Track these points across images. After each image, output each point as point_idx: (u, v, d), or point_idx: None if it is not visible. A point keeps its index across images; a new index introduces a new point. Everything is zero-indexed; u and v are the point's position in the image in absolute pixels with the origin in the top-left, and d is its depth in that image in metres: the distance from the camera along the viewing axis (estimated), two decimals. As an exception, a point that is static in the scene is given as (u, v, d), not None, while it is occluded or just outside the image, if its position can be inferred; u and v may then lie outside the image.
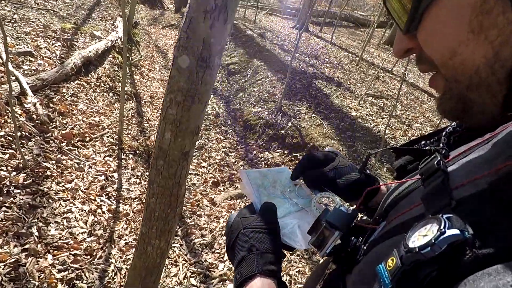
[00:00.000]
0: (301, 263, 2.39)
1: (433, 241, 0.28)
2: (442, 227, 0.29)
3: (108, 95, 3.62)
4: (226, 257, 2.28)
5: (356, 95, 4.95)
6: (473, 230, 0.28)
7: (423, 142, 0.52)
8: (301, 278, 2.27)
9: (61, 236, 1.82)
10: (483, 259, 0.26)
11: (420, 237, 0.30)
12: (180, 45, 0.94)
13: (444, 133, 0.51)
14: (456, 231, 0.28)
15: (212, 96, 5.15)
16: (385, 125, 3.56)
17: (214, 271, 2.14)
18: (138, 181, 2.69)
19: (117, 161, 2.75)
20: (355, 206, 0.53)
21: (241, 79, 5.47)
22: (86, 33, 4.33)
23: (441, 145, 0.49)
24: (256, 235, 0.53)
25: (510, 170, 0.30)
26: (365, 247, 0.45)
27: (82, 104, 3.09)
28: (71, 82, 3.25)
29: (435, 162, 0.41)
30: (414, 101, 5.61)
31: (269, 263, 0.50)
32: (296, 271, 2.33)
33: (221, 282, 2.06)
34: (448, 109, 0.36)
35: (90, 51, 3.76)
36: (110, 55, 4.37)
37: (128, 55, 4.82)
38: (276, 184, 0.66)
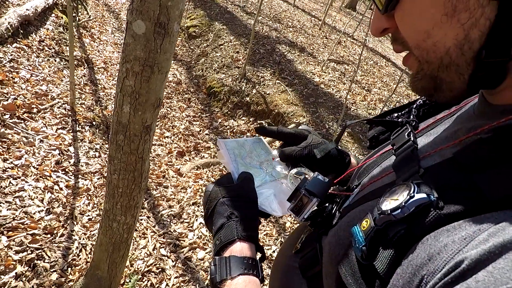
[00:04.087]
0: (268, 227, 2.50)
1: (403, 204, 0.32)
2: (411, 191, 0.32)
3: (55, 60, 3.27)
4: (195, 226, 2.31)
5: (319, 61, 4.97)
6: (438, 194, 0.31)
7: (395, 114, 0.56)
8: (268, 240, 2.39)
9: (15, 216, 1.71)
10: (444, 218, 0.30)
11: (392, 201, 0.34)
12: (134, 8, 0.85)
13: (414, 105, 0.54)
14: (423, 195, 0.31)
15: (172, 62, 4.87)
16: (347, 91, 3.65)
17: (184, 240, 2.17)
18: (97, 154, 2.55)
19: (72, 133, 2.56)
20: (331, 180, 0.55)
21: (202, 43, 5.20)
22: (21, -12, 3.77)
23: (411, 117, 0.52)
24: (234, 203, 0.55)
25: (471, 141, 0.34)
26: (339, 213, 0.48)
27: (24, 71, 2.77)
28: (8, 46, 2.87)
29: (406, 134, 0.46)
30: (373, 66, 5.78)
31: (247, 229, 0.53)
32: (264, 234, 2.44)
33: (191, 250, 2.11)
34: (420, 87, 0.38)
35: (27, 9, 3.30)
36: (53, 15, 3.88)
37: (74, 14, 4.31)
38: (253, 154, 0.68)
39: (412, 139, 0.43)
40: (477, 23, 0.30)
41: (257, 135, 0.71)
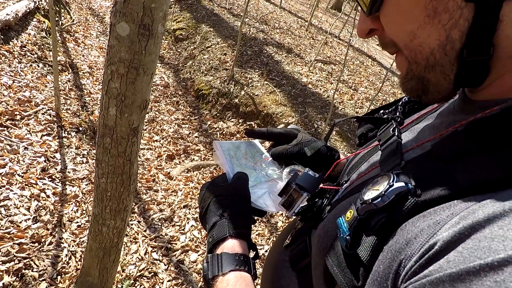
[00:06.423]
0: (260, 226, 2.51)
1: (383, 193, 0.33)
2: (391, 181, 0.33)
3: (38, 66, 3.21)
4: (187, 228, 2.30)
5: (306, 61, 5.02)
6: (416, 183, 0.32)
7: (382, 111, 0.57)
8: (260, 240, 2.39)
9: (0, 226, 1.67)
10: (421, 205, 0.31)
11: (373, 191, 0.35)
12: (117, 10, 0.85)
13: (400, 103, 0.56)
14: (402, 184, 0.32)
15: (159, 65, 4.84)
16: (334, 90, 3.70)
17: (176, 244, 2.15)
18: (84, 160, 2.51)
19: (58, 140, 2.52)
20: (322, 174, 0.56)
21: (189, 46, 5.19)
22: (0, -7, 3.69)
23: (397, 113, 0.54)
24: (227, 202, 0.56)
25: (448, 134, 0.36)
26: (329, 207, 0.49)
27: (6, 77, 2.71)
28: (-11, 52, 2.80)
29: (391, 129, 0.47)
30: (360, 65, 5.87)
31: (239, 226, 0.53)
32: (256, 234, 2.44)
33: (184, 253, 2.09)
34: (409, 88, 0.39)
35: (8, 14, 3.23)
36: (35, 19, 3.81)
37: (57, 19, 4.24)
38: (248, 156, 0.70)
39: (396, 134, 0.45)
40: (457, 24, 0.31)
41: (248, 138, 0.72)
